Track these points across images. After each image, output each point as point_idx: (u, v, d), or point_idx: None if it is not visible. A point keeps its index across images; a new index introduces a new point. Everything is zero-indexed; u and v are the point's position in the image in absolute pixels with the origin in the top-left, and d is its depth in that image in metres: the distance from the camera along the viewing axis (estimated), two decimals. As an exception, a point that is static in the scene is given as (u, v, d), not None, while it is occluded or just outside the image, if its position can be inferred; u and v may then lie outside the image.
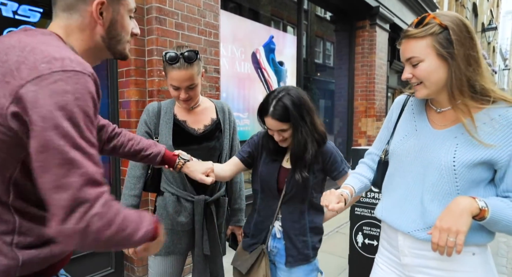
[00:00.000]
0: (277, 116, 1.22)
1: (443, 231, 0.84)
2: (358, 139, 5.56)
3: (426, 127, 1.02)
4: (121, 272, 2.48)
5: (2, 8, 1.89)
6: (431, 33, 0.90)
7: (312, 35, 5.20)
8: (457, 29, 0.89)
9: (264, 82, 3.98)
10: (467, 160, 0.90)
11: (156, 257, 1.43)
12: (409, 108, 1.12)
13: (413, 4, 6.57)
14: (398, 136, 1.09)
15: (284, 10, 4.53)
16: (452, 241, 0.83)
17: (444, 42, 0.89)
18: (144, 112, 1.45)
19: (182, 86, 1.33)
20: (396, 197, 1.06)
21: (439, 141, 0.97)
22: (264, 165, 1.38)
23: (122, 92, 2.41)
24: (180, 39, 2.45)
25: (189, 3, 2.50)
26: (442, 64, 0.91)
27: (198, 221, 1.42)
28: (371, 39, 5.35)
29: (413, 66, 0.95)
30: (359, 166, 1.28)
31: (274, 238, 1.38)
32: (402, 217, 1.02)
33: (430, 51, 0.91)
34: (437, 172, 0.94)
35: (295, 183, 1.29)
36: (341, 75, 5.61)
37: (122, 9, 0.80)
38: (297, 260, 1.33)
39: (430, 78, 0.93)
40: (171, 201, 1.41)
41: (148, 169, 1.44)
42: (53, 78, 0.60)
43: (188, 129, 1.44)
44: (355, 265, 2.38)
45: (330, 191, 1.08)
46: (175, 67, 1.30)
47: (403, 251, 1.04)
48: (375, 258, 1.22)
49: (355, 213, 2.37)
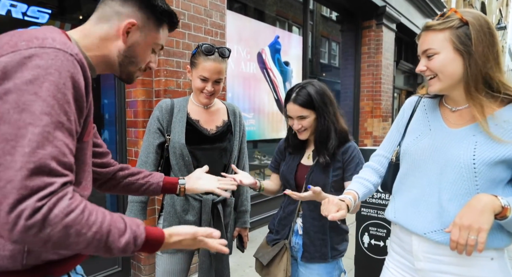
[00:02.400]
0: (299, 101, 1.29)
1: (463, 228, 0.80)
2: (364, 139, 5.52)
3: (441, 126, 1.00)
4: (128, 271, 2.50)
5: (12, 10, 1.92)
6: (450, 26, 0.90)
7: (318, 35, 5.19)
8: (477, 25, 0.88)
9: (269, 82, 3.98)
10: (487, 158, 0.88)
11: (163, 254, 1.44)
12: (421, 108, 1.10)
13: (420, 3, 6.52)
14: (411, 136, 1.07)
15: (290, 10, 4.52)
16: (473, 239, 0.79)
17: (463, 36, 0.89)
18: (157, 108, 1.44)
19: (212, 78, 1.36)
20: (410, 198, 1.02)
21: (456, 139, 0.94)
22: (285, 164, 1.45)
23: (129, 92, 2.43)
24: (186, 39, 2.46)
25: (195, 3, 2.51)
26: (458, 58, 0.90)
27: (205, 221, 1.43)
28: (378, 39, 5.32)
29: (428, 58, 0.94)
30: (363, 170, 1.24)
31: (296, 234, 1.41)
32: (418, 218, 0.98)
33: (447, 44, 0.90)
34: (456, 171, 0.91)
35: (314, 180, 1.33)
36: (347, 75, 5.58)
37: (150, 39, 0.82)
38: (313, 257, 1.35)
39: (444, 70, 0.92)
40: (179, 200, 1.42)
41: (158, 167, 1.45)
42: (28, 53, 0.58)
43: (201, 129, 1.45)
44: (361, 266, 2.37)
45: (328, 200, 1.03)
46: (211, 58, 1.34)
47: (418, 255, 1.00)
48: (385, 261, 1.18)
49: (361, 214, 2.35)
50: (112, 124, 2.47)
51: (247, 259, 1.60)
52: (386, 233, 2.25)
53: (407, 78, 8.42)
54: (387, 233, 2.25)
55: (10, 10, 1.91)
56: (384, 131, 5.50)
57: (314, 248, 1.35)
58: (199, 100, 1.43)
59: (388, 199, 2.24)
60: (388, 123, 5.67)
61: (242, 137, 1.58)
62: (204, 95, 1.40)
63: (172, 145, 1.40)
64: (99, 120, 2.46)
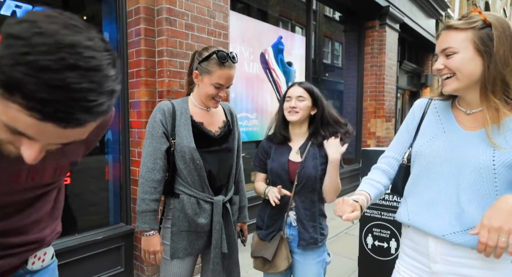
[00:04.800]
0: (303, 85, 1.51)
1: (493, 230, 0.78)
2: (367, 140, 5.50)
3: (456, 129, 0.99)
4: (130, 271, 2.50)
5: (17, 11, 1.93)
6: (473, 27, 0.89)
7: (321, 35, 5.18)
8: (500, 28, 0.88)
9: (272, 83, 3.98)
10: (508, 159, 0.87)
11: (173, 260, 1.41)
12: (432, 110, 1.09)
13: (424, 3, 6.49)
14: (424, 138, 1.06)
15: (293, 11, 4.51)
16: (504, 241, 0.77)
17: (485, 38, 0.88)
18: (158, 111, 1.38)
19: (227, 84, 1.38)
20: (425, 200, 1.01)
21: (474, 141, 0.93)
22: (273, 161, 1.52)
23: (132, 92, 2.43)
24: (190, 40, 2.47)
25: (199, 4, 2.51)
26: (478, 58, 0.90)
27: (218, 222, 1.41)
28: (381, 39, 5.30)
29: (446, 57, 0.93)
30: (372, 172, 1.22)
31: (290, 226, 1.50)
32: (435, 220, 0.96)
33: (468, 44, 0.90)
34: (475, 172, 0.90)
35: (306, 174, 1.44)
36: (350, 75, 5.56)
37: None
38: (308, 244, 1.45)
39: (463, 69, 0.91)
40: (190, 204, 1.38)
41: (166, 172, 1.41)
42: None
43: (206, 131, 1.43)
44: (365, 267, 2.36)
45: (342, 200, 1.02)
46: (227, 65, 1.35)
47: (434, 258, 0.98)
48: (396, 265, 1.16)
49: (365, 215, 2.34)
50: (115, 125, 2.48)
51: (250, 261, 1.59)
52: (390, 235, 2.24)
53: (411, 78, 8.39)
54: (390, 234, 2.23)
55: (15, 11, 1.92)
56: (387, 132, 5.48)
57: (309, 235, 1.45)
58: (209, 104, 1.42)
59: (392, 200, 2.23)
60: (392, 124, 5.65)
61: (238, 136, 1.60)
62: (215, 100, 1.40)
63: (180, 149, 1.36)
64: (103, 120, 2.47)
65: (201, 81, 1.39)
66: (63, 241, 2.13)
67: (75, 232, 2.24)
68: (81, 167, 2.35)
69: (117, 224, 2.48)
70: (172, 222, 1.41)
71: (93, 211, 2.44)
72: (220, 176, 1.45)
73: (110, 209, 2.53)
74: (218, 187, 1.45)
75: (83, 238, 2.21)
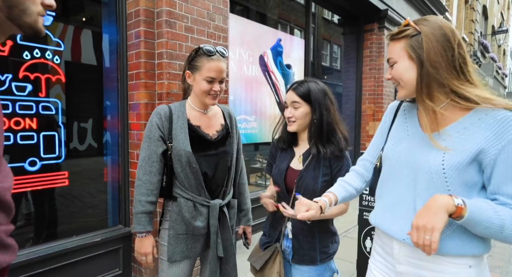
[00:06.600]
0: (297, 90, 1.37)
1: (419, 229, 0.81)
2: (366, 142, 5.51)
3: (417, 131, 1.01)
4: (128, 274, 2.49)
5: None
6: (405, 36, 0.94)
7: (320, 38, 5.20)
8: (429, 33, 0.91)
9: (271, 85, 3.99)
10: (455, 162, 0.87)
11: (172, 263, 1.42)
12: (401, 112, 1.11)
13: (422, 7, 6.52)
14: (391, 141, 1.08)
15: (292, 13, 4.53)
16: (428, 239, 0.79)
17: (415, 45, 0.92)
18: (155, 115, 1.41)
19: (218, 77, 1.37)
20: (388, 203, 1.03)
21: (429, 144, 0.94)
22: (276, 167, 1.48)
23: (132, 94, 2.43)
24: (189, 43, 2.47)
25: (198, 6, 2.52)
26: (413, 66, 0.94)
27: (213, 225, 1.42)
28: (379, 42, 5.33)
29: (390, 67, 0.99)
30: (348, 173, 1.25)
31: (287, 238, 1.42)
32: (397, 224, 0.99)
33: (403, 53, 0.95)
34: (427, 177, 0.91)
35: (303, 184, 1.35)
36: (349, 78, 5.58)
37: None
38: (303, 260, 1.37)
39: (402, 78, 0.96)
40: (187, 207, 1.39)
41: (163, 175, 1.43)
42: None
43: (203, 135, 1.44)
44: (364, 270, 2.35)
45: (299, 201, 1.07)
46: (214, 58, 1.35)
47: (399, 259, 1.01)
48: (369, 263, 1.18)
49: (364, 218, 2.34)
50: (115, 127, 2.48)
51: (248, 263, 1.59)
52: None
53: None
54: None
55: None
56: (385, 134, 5.49)
57: (303, 251, 1.36)
58: (206, 102, 1.41)
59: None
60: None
61: (238, 139, 1.60)
62: (211, 96, 1.40)
63: (177, 153, 1.37)
64: (102, 122, 2.47)
65: (194, 80, 1.40)
66: (61, 243, 2.12)
67: (73, 234, 2.24)
68: (79, 169, 2.35)
69: (115, 226, 2.48)
70: (170, 225, 1.42)
71: (92, 213, 2.44)
72: (216, 180, 1.46)
73: (109, 211, 2.53)
74: (215, 191, 1.46)
75: (81, 240, 2.20)
